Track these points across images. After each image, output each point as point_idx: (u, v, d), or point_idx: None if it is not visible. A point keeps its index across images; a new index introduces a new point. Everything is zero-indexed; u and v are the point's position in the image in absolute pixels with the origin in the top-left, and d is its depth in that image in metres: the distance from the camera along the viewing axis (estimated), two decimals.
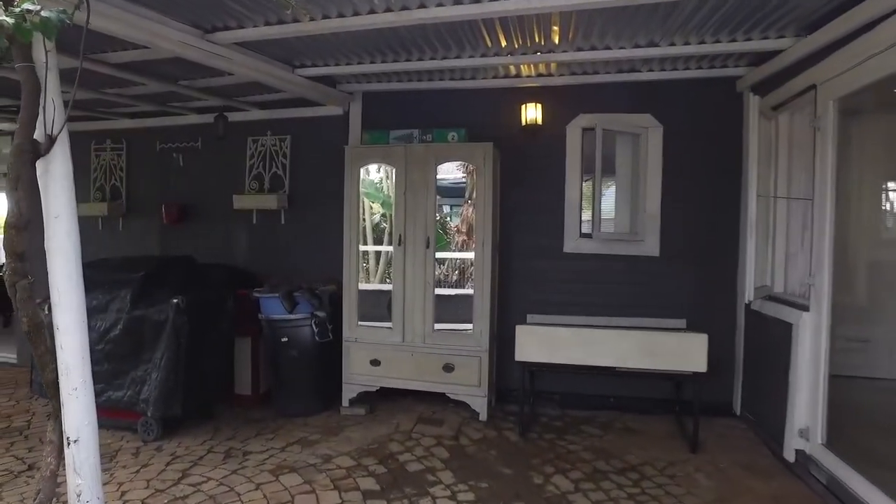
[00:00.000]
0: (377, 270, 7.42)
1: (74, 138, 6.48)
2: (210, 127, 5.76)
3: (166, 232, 6.19)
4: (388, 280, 5.78)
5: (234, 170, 5.86)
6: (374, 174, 7.78)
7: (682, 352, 4.08)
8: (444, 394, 4.79)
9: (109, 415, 4.46)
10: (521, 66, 4.60)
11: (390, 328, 4.87)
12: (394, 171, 4.88)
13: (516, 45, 4.05)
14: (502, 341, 5.01)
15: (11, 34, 2.47)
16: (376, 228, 7.84)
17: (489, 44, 4.00)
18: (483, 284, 4.66)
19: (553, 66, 4.59)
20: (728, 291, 4.77)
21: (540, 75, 4.84)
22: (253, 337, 5.00)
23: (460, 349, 4.68)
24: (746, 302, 4.08)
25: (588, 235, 5.00)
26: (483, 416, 4.68)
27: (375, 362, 4.86)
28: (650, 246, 4.87)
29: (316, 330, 4.74)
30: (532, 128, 4.94)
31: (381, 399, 5.06)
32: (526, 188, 5.07)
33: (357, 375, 4.91)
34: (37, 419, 4.96)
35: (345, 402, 4.93)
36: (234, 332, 4.82)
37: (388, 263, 6.03)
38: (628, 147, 5.04)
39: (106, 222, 6.47)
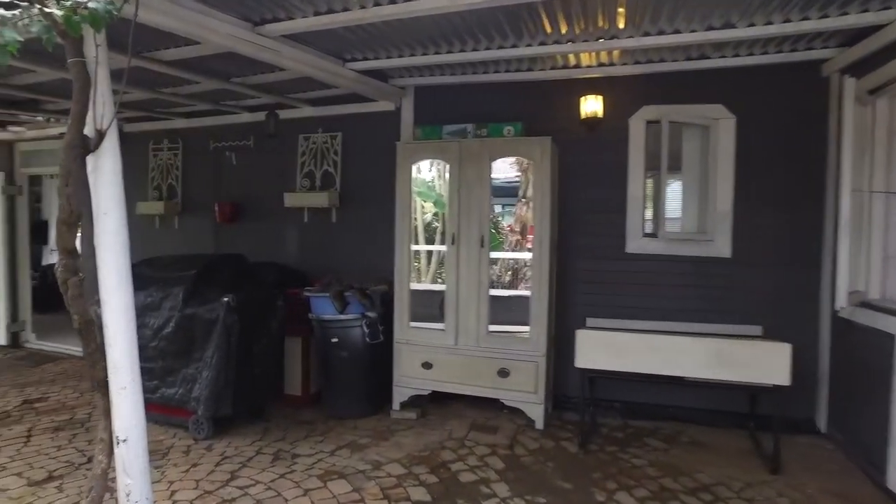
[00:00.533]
0: (428, 270, 7.29)
1: (134, 138, 6.66)
2: (262, 125, 5.74)
3: (219, 230, 6.22)
4: (439, 280, 5.62)
5: (285, 168, 5.83)
6: (426, 172, 7.65)
7: (761, 362, 3.73)
8: (498, 400, 4.58)
9: (163, 411, 4.48)
10: (581, 56, 4.34)
11: (442, 330, 4.70)
12: (447, 167, 4.70)
13: (577, 31, 3.80)
14: (559, 346, 4.76)
15: (63, 30, 2.44)
16: (428, 227, 7.70)
17: (549, 30, 3.76)
18: (540, 286, 4.42)
19: (616, 54, 4.31)
20: (810, 297, 4.36)
21: (601, 65, 4.56)
22: (303, 337, 4.93)
23: (516, 353, 4.46)
24: (836, 309, 3.69)
25: (652, 235, 4.68)
26: (539, 425, 4.45)
27: (427, 365, 4.70)
28: (720, 246, 4.51)
29: (367, 331, 4.62)
30: (591, 121, 4.66)
31: (433, 403, 4.90)
32: (585, 185, 4.80)
33: (408, 378, 4.77)
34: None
35: (395, 406, 4.80)
36: (284, 331, 4.75)
37: (440, 263, 5.88)
38: (696, 140, 4.69)
39: (162, 221, 6.58)
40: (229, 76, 4.67)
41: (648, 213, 4.83)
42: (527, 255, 5.97)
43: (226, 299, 4.18)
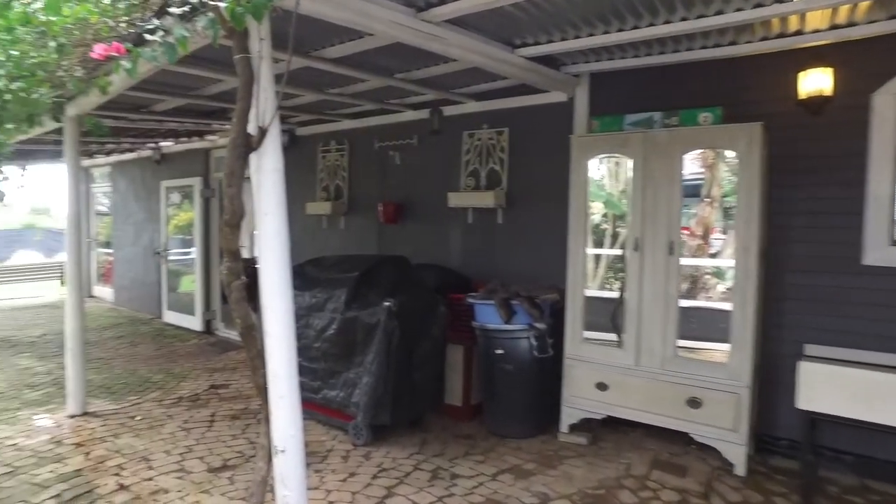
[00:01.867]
0: (596, 275, 6.68)
1: (304, 141, 6.85)
2: (425, 123, 5.59)
3: (383, 231, 6.20)
4: (607, 286, 5.02)
5: (449, 166, 5.60)
6: (595, 170, 7.03)
7: None
8: (685, 433, 3.89)
9: (325, 412, 4.47)
10: (808, 17, 3.47)
11: (618, 346, 4.12)
12: (617, 164, 4.11)
13: None
14: (764, 375, 3.92)
15: (231, 27, 2.35)
16: (596, 230, 7.09)
17: None
18: (745, 303, 3.65)
19: (862, 7, 3.34)
20: None
21: (834, 27, 3.62)
22: (466, 345, 4.64)
23: (711, 381, 3.73)
24: None
25: None
26: (740, 470, 3.67)
27: (602, 386, 4.14)
28: None
29: (534, 344, 4.19)
30: (815, 101, 3.75)
31: (606, 428, 4.33)
32: (804, 180, 3.89)
33: (579, 399, 4.25)
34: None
35: (563, 428, 4.31)
36: (446, 339, 4.51)
37: (609, 268, 5.27)
38: None
39: (329, 221, 6.75)
40: (392, 72, 4.53)
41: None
42: (711, 262, 5.16)
43: (387, 304, 4.02)
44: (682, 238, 3.94)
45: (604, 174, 7.12)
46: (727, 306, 3.80)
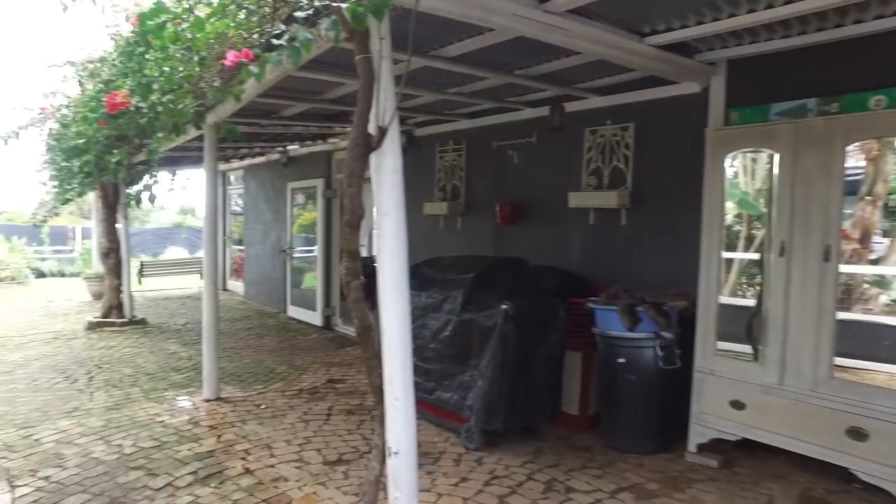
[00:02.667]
0: (727, 281, 6.12)
1: (423, 142, 6.90)
2: (545, 121, 5.40)
3: (499, 232, 6.09)
4: (739, 293, 4.55)
5: (569, 165, 5.37)
6: (727, 168, 6.45)
7: None
8: (844, 467, 3.39)
9: (438, 413, 4.44)
10: None
11: (755, 360, 3.71)
12: (774, 157, 3.68)
13: None
14: None
15: (351, 28, 2.36)
16: (728, 232, 6.50)
17: None
18: None
19: None
20: None
21: None
22: (584, 352, 4.41)
23: (879, 410, 3.20)
24: None
25: None
26: None
27: (738, 404, 3.74)
28: None
29: (661, 354, 3.89)
30: None
31: (741, 451, 3.92)
32: None
33: (710, 417, 3.88)
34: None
35: (691, 447, 3.96)
36: (564, 344, 4.31)
37: (741, 274, 4.77)
38: None
39: (446, 221, 6.74)
40: (512, 68, 4.40)
41: None
42: (872, 270, 4.49)
43: (504, 307, 3.91)
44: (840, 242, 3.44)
45: (737, 171, 6.53)
46: (893, 321, 3.27)
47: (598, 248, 5.19)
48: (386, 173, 2.47)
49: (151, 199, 4.05)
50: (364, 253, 13.80)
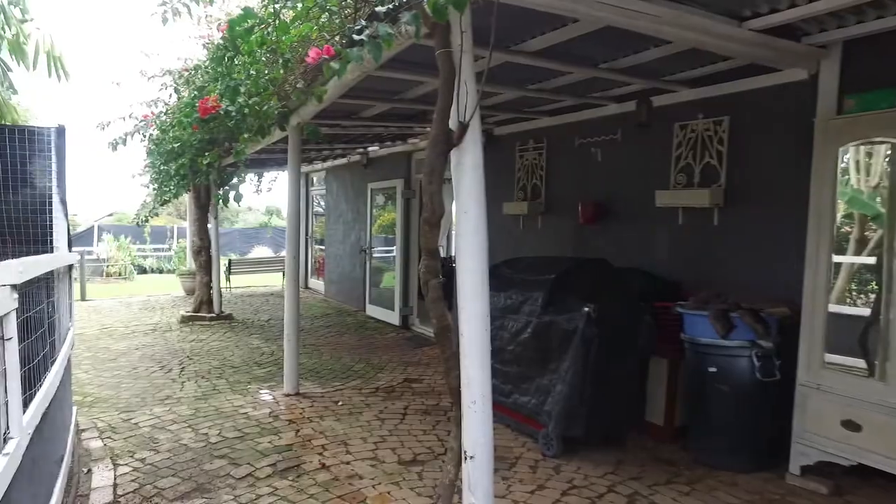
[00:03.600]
0: (834, 287, 5.59)
1: (503, 140, 6.78)
2: (630, 116, 5.16)
3: (581, 232, 5.88)
4: (848, 301, 4.12)
5: (657, 162, 5.09)
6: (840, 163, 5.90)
7: None
8: None
9: (515, 417, 4.34)
10: None
11: (870, 375, 3.35)
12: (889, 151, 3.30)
13: None
14: None
15: (432, 22, 2.31)
16: (836, 233, 5.95)
17: None
18: None
19: None
20: None
21: None
22: (671, 359, 4.17)
23: None
24: None
25: None
26: None
27: (852, 425, 3.38)
28: None
29: (757, 364, 3.59)
30: None
31: (854, 477, 3.55)
32: None
33: (817, 437, 3.53)
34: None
35: (793, 468, 3.63)
36: (650, 351, 4.08)
37: (852, 279, 4.32)
38: None
39: (526, 221, 6.60)
40: (597, 61, 4.22)
41: None
42: None
43: (586, 309, 3.75)
44: None
45: (847, 166, 5.97)
46: None
47: (686, 250, 4.89)
48: (466, 170, 2.40)
49: (237, 198, 4.20)
50: (442, 254, 13.90)
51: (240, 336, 8.15)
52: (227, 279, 12.55)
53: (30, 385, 2.46)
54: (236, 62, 4.03)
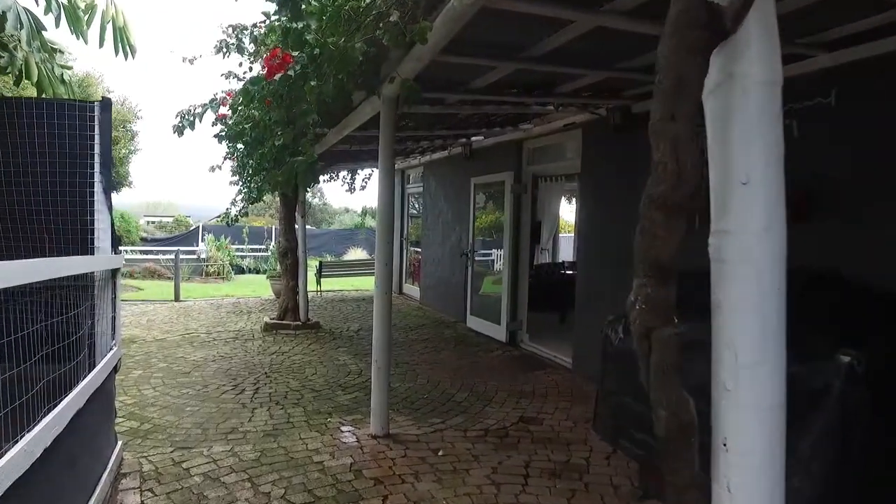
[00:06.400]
0: None
1: (642, 120, 5.12)
2: (851, 70, 3.58)
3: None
4: None
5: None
6: None
7: None
8: None
9: None
10: None
11: None
12: None
13: None
14: None
15: None
16: None
17: None
18: None
19: None
20: None
21: None
22: None
23: None
24: None
25: None
26: None
27: None
28: None
29: None
30: None
31: None
32: None
33: None
34: (596, 459, 3.94)
35: None
36: None
37: None
38: None
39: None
40: None
41: None
42: None
43: (847, 360, 2.28)
44: None
45: None
46: None
47: None
48: (749, 92, 1.09)
49: (309, 181, 3.11)
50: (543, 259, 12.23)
51: (325, 349, 7.20)
52: (318, 283, 11.83)
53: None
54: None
